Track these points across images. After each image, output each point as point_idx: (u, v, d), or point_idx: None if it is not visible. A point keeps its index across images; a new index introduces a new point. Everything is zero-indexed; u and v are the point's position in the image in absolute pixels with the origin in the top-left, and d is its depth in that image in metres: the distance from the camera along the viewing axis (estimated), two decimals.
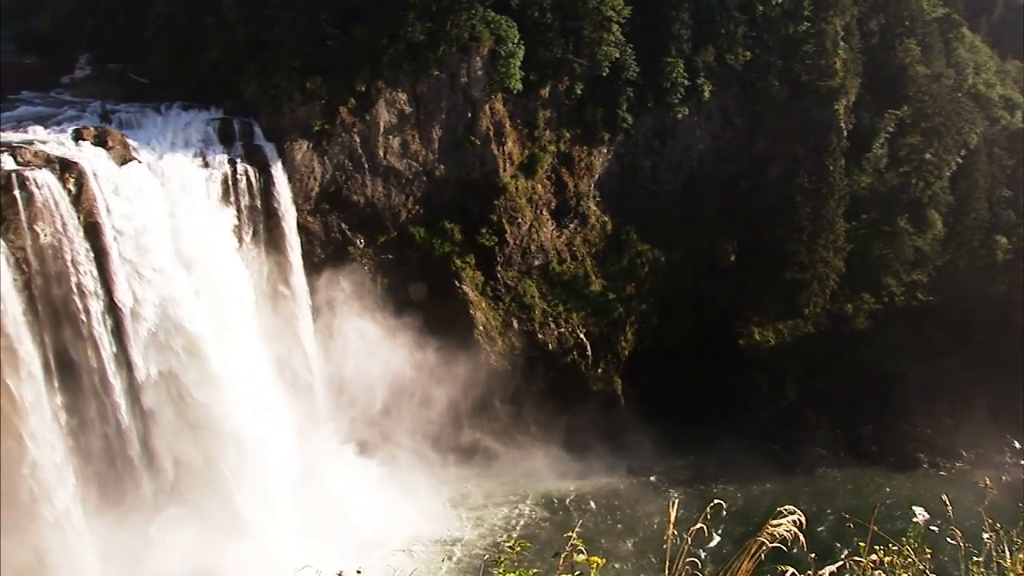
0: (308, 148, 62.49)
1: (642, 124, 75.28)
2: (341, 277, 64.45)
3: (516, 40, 65.60)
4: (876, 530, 10.54)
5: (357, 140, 64.07)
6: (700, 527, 10.11)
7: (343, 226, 65.67)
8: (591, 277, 74.38)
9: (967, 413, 72.65)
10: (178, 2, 63.49)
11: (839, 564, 10.06)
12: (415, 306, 66.08)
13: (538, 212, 71.87)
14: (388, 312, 65.04)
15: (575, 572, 10.19)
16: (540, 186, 71.89)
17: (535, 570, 10.47)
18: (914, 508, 10.90)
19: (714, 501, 10.78)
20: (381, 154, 65.21)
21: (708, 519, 10.22)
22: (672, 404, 70.18)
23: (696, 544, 10.19)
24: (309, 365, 64.03)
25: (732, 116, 79.77)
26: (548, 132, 71.36)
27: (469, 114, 67.51)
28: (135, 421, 54.24)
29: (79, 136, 52.10)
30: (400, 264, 67.36)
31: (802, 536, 9.79)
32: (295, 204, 62.32)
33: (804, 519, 9.91)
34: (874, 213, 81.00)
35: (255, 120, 60.88)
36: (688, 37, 73.27)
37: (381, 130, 64.50)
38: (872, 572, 10.38)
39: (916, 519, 10.84)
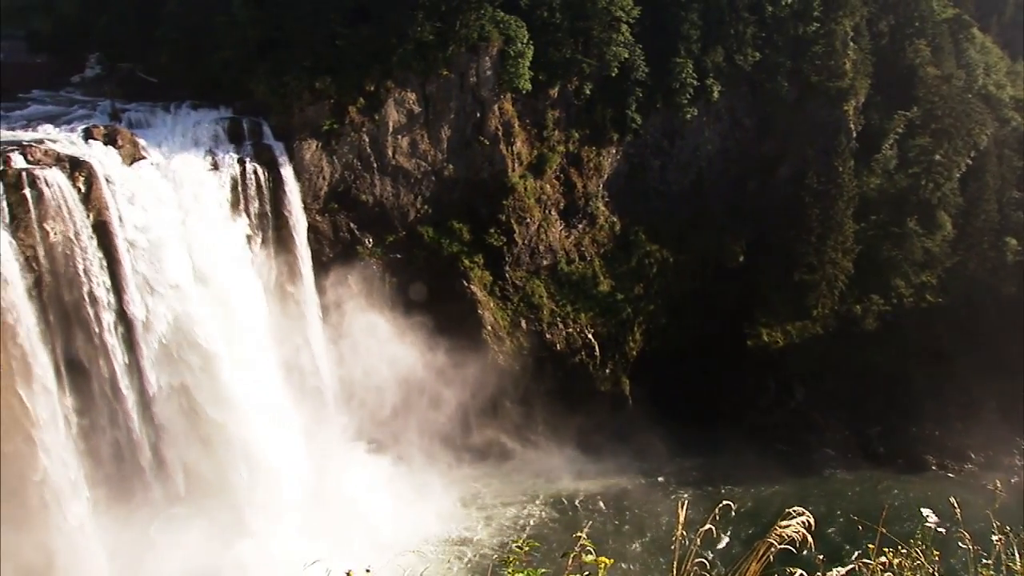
0: (317, 147, 62.55)
1: (651, 124, 75.23)
2: (350, 276, 64.50)
3: (525, 40, 65.61)
4: (885, 532, 10.54)
5: (366, 139, 64.14)
6: (709, 528, 10.13)
7: (352, 225, 65.73)
8: (599, 277, 74.35)
9: (976, 415, 72.45)
10: (188, 1, 63.47)
11: (849, 568, 10.07)
12: (423, 306, 66.11)
13: (547, 212, 71.86)
14: (396, 311, 65.10)
15: (584, 572, 10.20)
16: (549, 186, 71.90)
17: (543, 570, 10.47)
18: (923, 510, 10.89)
19: (723, 502, 10.79)
20: (390, 154, 65.27)
21: (717, 520, 10.23)
22: (680, 405, 70.11)
23: (705, 545, 10.20)
24: (317, 365, 64.10)
25: (741, 117, 79.66)
26: (557, 132, 71.37)
27: (478, 114, 67.53)
28: (146, 429, 54.51)
29: (89, 135, 52.19)
30: (409, 264, 67.40)
31: (811, 538, 9.79)
32: (304, 203, 62.39)
33: (813, 520, 9.91)
34: (883, 214, 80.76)
35: (264, 119, 60.90)
36: (697, 37, 73.21)
37: (390, 130, 64.55)
38: (881, 574, 10.38)
39: (928, 522, 10.83)
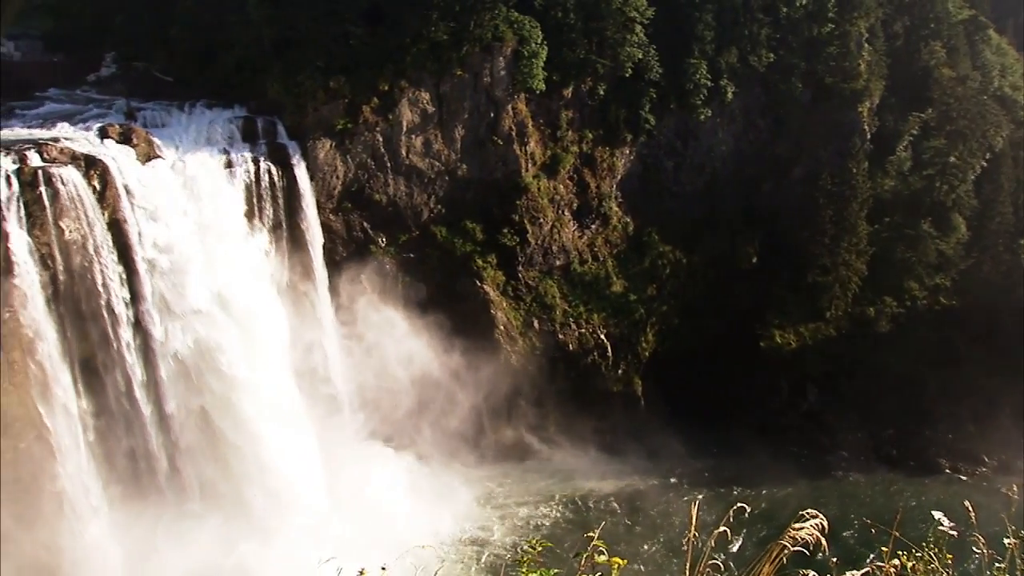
0: (331, 147, 62.69)
1: (665, 125, 75.17)
2: (363, 275, 64.64)
3: (539, 40, 65.63)
4: (898, 536, 10.53)
5: (380, 139, 64.25)
6: (723, 530, 10.13)
7: (365, 225, 65.85)
8: (612, 278, 74.31)
9: (990, 419, 72.07)
10: (203, 1, 63.77)
11: (864, 571, 10.06)
12: (436, 305, 66.18)
13: (560, 212, 71.87)
14: (409, 311, 65.19)
15: (596, 573, 10.21)
16: (562, 186, 71.90)
17: (556, 570, 10.50)
18: (935, 514, 10.87)
19: (737, 504, 10.80)
20: (404, 153, 65.37)
21: (731, 522, 10.24)
22: (693, 406, 70.08)
23: (719, 547, 10.20)
24: (330, 364, 64.22)
25: (755, 118, 79.51)
26: (570, 132, 71.36)
27: (492, 114, 67.57)
28: (163, 441, 54.92)
29: (104, 133, 52.41)
30: (421, 263, 67.49)
31: (824, 540, 9.79)
32: (317, 202, 62.55)
33: (827, 523, 9.91)
34: (897, 216, 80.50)
35: (279, 119, 61.11)
36: (711, 38, 73.12)
37: (404, 129, 64.65)
38: None
39: (941, 526, 10.82)
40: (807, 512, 10.07)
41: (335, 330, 64.33)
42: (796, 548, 9.82)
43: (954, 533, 10.64)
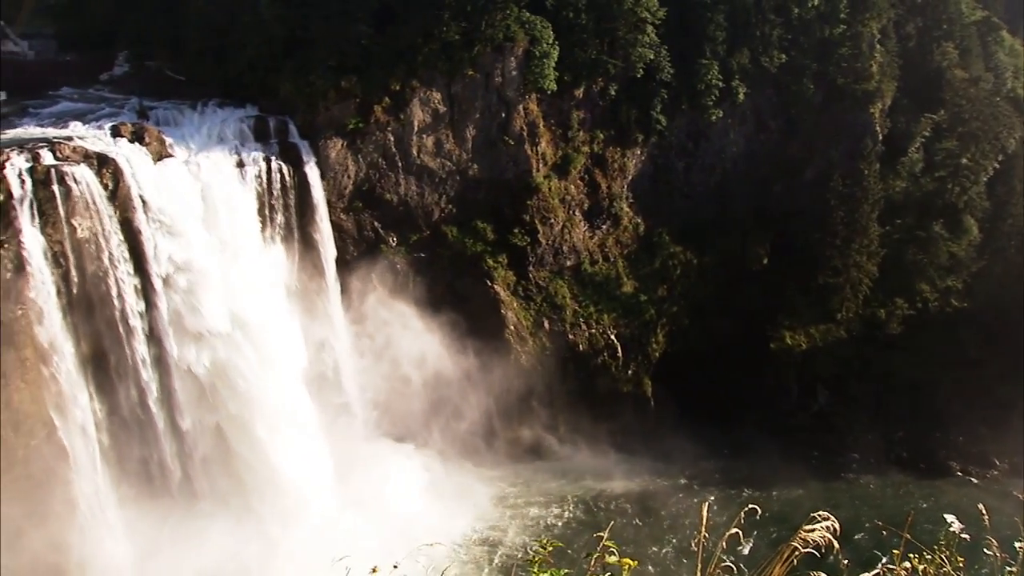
0: (342, 146, 62.80)
1: (676, 126, 75.13)
2: (373, 275, 64.75)
3: (551, 40, 65.61)
4: (910, 538, 10.51)
5: (391, 139, 64.33)
6: (735, 531, 10.14)
7: (376, 224, 65.94)
8: (623, 278, 74.27)
9: (1001, 421, 71.67)
10: (215, 1, 63.94)
11: (875, 573, 10.05)
12: (447, 305, 66.21)
13: (571, 213, 71.85)
14: (420, 310, 65.24)
15: (607, 574, 10.22)
16: (573, 187, 71.88)
17: (567, 571, 10.51)
18: (946, 516, 10.85)
19: (748, 506, 10.79)
20: (415, 153, 65.43)
21: (742, 523, 10.24)
22: (703, 406, 69.97)
23: (731, 548, 10.20)
24: (341, 363, 64.33)
25: (766, 119, 79.40)
26: (582, 133, 71.37)
27: (503, 114, 67.58)
28: (177, 452, 55.19)
29: (117, 132, 52.58)
30: (432, 263, 67.54)
31: (836, 542, 9.77)
32: (329, 202, 62.67)
33: (838, 525, 9.90)
34: (909, 218, 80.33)
35: (290, 118, 61.29)
36: (723, 39, 73.05)
37: (415, 129, 64.72)
38: None
39: (951, 528, 10.80)
40: (819, 514, 10.06)
41: (345, 329, 64.43)
42: (807, 550, 9.80)
43: (966, 536, 10.62)
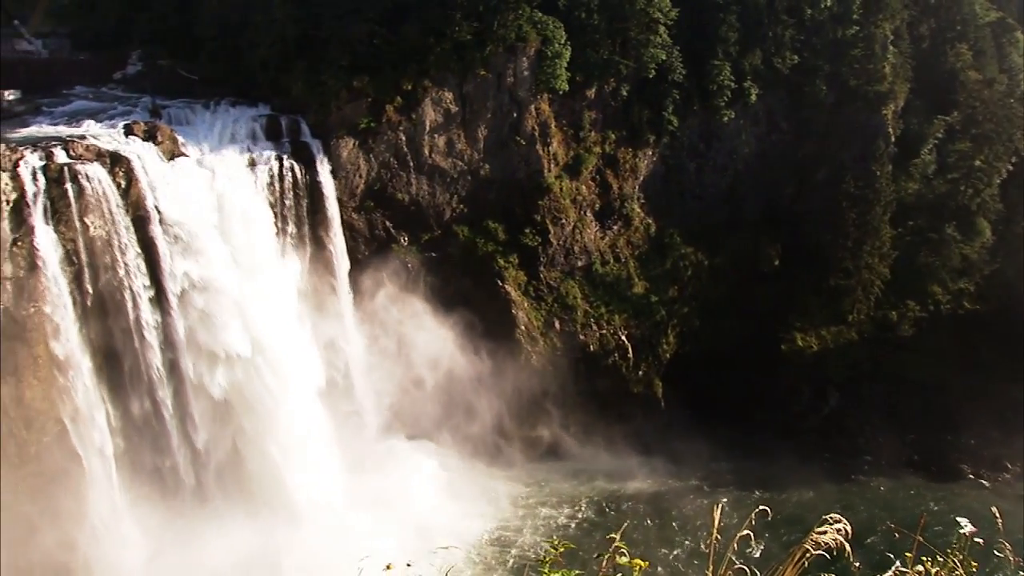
0: (354, 146, 62.91)
1: (688, 126, 75.07)
2: (384, 274, 64.81)
3: (563, 41, 65.61)
4: (922, 541, 10.49)
5: (403, 138, 64.41)
6: (746, 533, 10.13)
7: (387, 224, 66.03)
8: (634, 279, 74.20)
9: (1013, 425, 71.40)
10: (228, 0, 64.10)
11: None
12: (458, 304, 66.22)
13: (582, 213, 71.82)
14: (431, 310, 65.31)
15: (617, 575, 10.22)
16: (584, 187, 71.84)
17: (578, 571, 10.52)
18: (961, 520, 10.81)
19: (759, 507, 10.78)
20: (426, 153, 65.51)
21: (753, 525, 10.23)
22: (714, 408, 69.82)
23: (744, 550, 10.20)
24: (353, 363, 64.41)
25: (778, 120, 79.25)
26: (593, 133, 71.34)
27: (515, 114, 67.61)
28: (191, 461, 55.47)
29: (129, 131, 52.80)
30: (443, 262, 67.59)
31: (847, 545, 9.76)
32: (340, 201, 62.79)
33: (850, 528, 9.88)
34: (921, 220, 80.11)
35: (302, 117, 61.47)
36: (735, 40, 72.92)
37: (427, 129, 64.79)
38: None
39: (962, 531, 10.77)
40: (831, 516, 10.05)
41: (356, 329, 64.54)
42: (819, 552, 9.79)
43: (980, 541, 10.58)
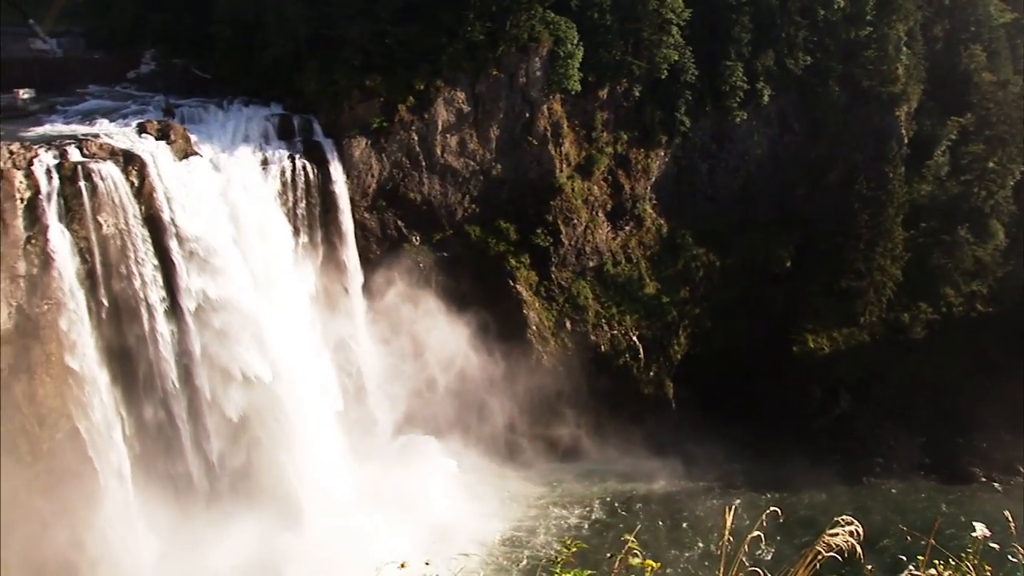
0: (367, 145, 63.01)
1: (700, 127, 75.02)
2: (396, 273, 64.86)
3: (575, 41, 65.62)
4: (936, 544, 10.45)
5: (415, 138, 64.48)
6: (757, 534, 10.12)
7: (399, 223, 66.10)
8: (645, 280, 74.14)
9: None
10: (241, 0, 64.24)
11: None
12: (469, 304, 66.24)
13: (594, 213, 71.80)
14: (442, 309, 65.34)
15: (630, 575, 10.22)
16: (596, 187, 71.82)
17: (590, 572, 10.52)
18: (976, 525, 10.76)
19: (770, 508, 10.77)
20: (439, 152, 65.57)
21: (764, 526, 10.22)
22: (726, 409, 69.67)
23: (752, 552, 10.18)
24: (364, 363, 64.50)
25: (791, 121, 79.09)
26: (605, 133, 71.32)
27: (527, 114, 67.64)
28: (205, 472, 55.81)
29: (143, 129, 52.98)
30: (455, 262, 67.63)
31: (859, 547, 9.74)
32: (352, 200, 62.88)
33: (862, 530, 9.86)
34: (934, 222, 79.86)
35: (315, 117, 61.60)
36: (748, 40, 72.83)
37: (439, 128, 64.86)
38: None
39: (975, 535, 10.72)
40: (842, 518, 10.03)
41: (368, 328, 64.59)
42: (831, 554, 9.77)
43: (995, 546, 10.52)
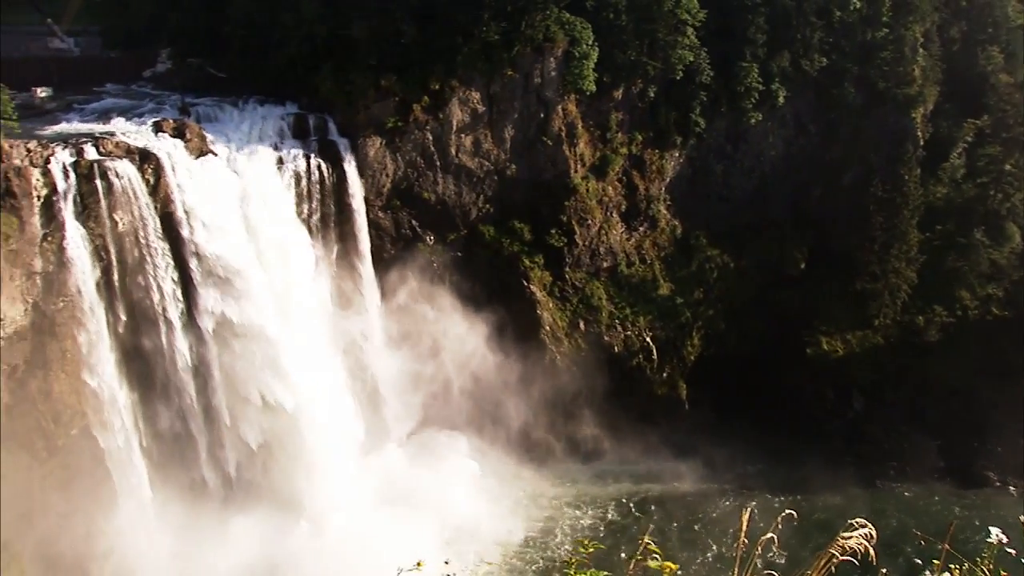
0: (381, 144, 63.09)
1: (715, 128, 74.91)
2: (410, 273, 64.96)
3: (590, 41, 65.58)
4: (951, 549, 10.44)
5: (430, 138, 64.56)
6: (771, 536, 10.13)
7: (413, 223, 66.19)
8: (659, 281, 74.09)
9: None
10: None
11: None
12: (483, 304, 66.32)
13: (608, 214, 71.77)
14: (456, 309, 65.40)
15: None
16: (611, 188, 71.79)
17: (605, 573, 10.55)
18: (992, 530, 10.74)
19: (786, 511, 10.78)
20: (453, 152, 65.64)
21: (779, 529, 10.23)
22: (739, 410, 69.56)
23: (766, 554, 10.20)
24: (379, 362, 64.61)
25: (806, 122, 78.92)
26: (620, 134, 71.27)
27: (542, 114, 67.63)
28: (219, 477, 56.17)
29: (159, 128, 53.20)
30: (469, 262, 67.69)
31: (872, 550, 9.74)
32: (367, 200, 63.00)
33: (875, 532, 9.86)
34: (949, 224, 79.58)
35: (330, 116, 61.68)
36: (763, 41, 72.70)
37: (454, 128, 64.92)
38: None
39: (990, 539, 10.70)
40: (856, 521, 10.03)
41: (381, 327, 64.69)
42: (845, 557, 9.78)
43: (1011, 551, 10.51)
